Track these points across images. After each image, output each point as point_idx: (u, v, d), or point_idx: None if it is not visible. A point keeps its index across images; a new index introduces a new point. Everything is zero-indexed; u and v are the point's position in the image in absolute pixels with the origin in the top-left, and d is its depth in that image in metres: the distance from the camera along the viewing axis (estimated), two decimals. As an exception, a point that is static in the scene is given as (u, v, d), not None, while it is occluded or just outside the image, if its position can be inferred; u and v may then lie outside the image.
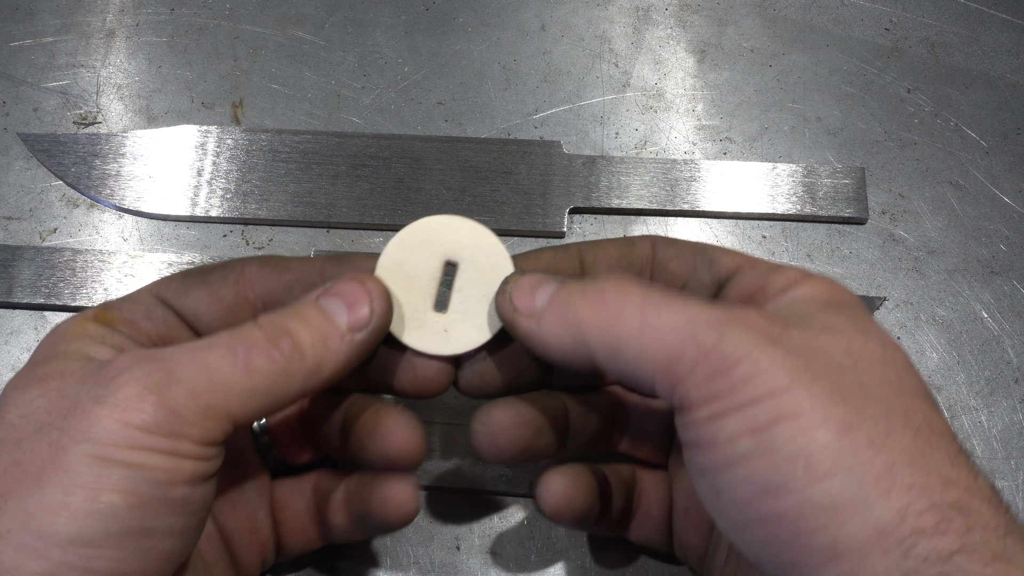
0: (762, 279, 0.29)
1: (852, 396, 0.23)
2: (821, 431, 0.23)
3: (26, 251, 0.44)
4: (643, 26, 0.51)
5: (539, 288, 0.28)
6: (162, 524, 0.25)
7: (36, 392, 0.26)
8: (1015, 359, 0.43)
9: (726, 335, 0.24)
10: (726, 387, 0.24)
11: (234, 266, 0.32)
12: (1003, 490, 0.40)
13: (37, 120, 0.48)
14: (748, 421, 0.23)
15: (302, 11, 0.51)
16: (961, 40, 0.51)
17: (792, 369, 0.23)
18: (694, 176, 0.46)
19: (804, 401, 0.23)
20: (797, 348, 0.24)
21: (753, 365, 0.24)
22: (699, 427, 0.25)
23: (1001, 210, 0.46)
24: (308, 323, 0.28)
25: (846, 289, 0.29)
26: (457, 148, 0.46)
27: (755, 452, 0.23)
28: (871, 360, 0.25)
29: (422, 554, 0.39)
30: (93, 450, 0.24)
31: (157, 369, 0.25)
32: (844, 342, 0.25)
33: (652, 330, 0.25)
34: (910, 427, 0.23)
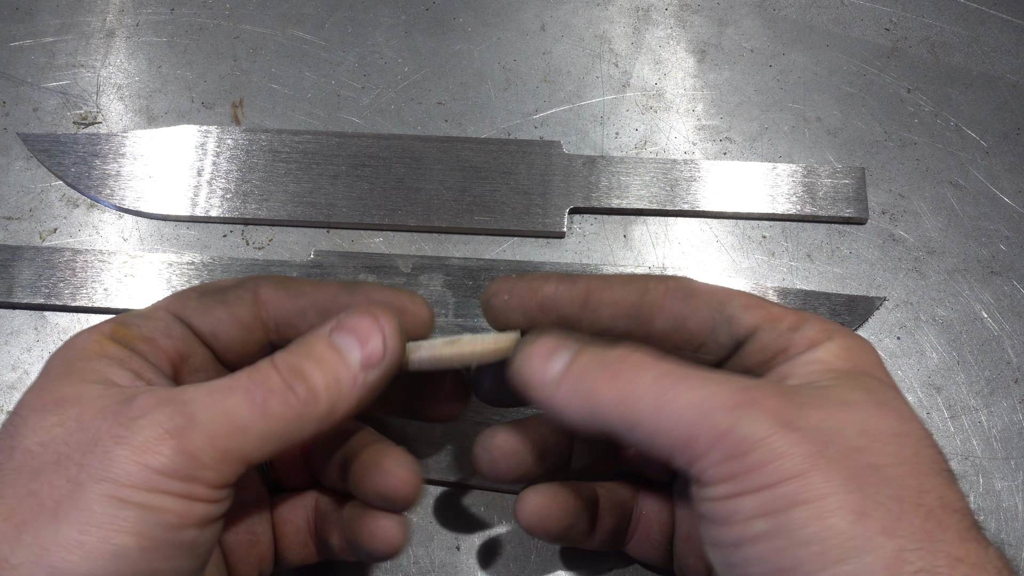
0: (783, 340, 0.29)
1: (866, 481, 0.24)
2: (835, 518, 0.23)
3: (26, 251, 0.44)
4: (643, 26, 0.51)
5: (552, 357, 0.28)
6: (169, 566, 0.25)
7: (54, 419, 0.26)
8: (1015, 359, 0.43)
9: (742, 419, 0.24)
10: (742, 470, 0.24)
11: (249, 285, 0.32)
12: (1002, 490, 0.40)
13: (37, 120, 0.48)
14: (764, 504, 0.24)
15: (302, 11, 0.51)
16: (961, 40, 0.51)
17: (807, 455, 0.24)
18: (694, 176, 0.46)
19: (819, 487, 0.23)
20: (813, 431, 0.24)
21: (769, 450, 0.24)
22: (715, 503, 0.25)
23: (1001, 210, 0.46)
24: (322, 364, 0.28)
25: (866, 348, 0.29)
26: (457, 148, 0.46)
27: (770, 534, 0.24)
28: (887, 437, 0.25)
29: (422, 554, 0.39)
30: (111, 490, 0.24)
31: (178, 413, 0.26)
32: (860, 419, 0.25)
33: (668, 409, 0.25)
34: (922, 508, 0.24)
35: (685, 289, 0.31)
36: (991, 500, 0.40)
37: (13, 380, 0.42)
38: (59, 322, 0.43)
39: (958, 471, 0.40)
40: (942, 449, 0.26)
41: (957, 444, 0.41)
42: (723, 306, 0.30)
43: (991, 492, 0.40)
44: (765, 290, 0.44)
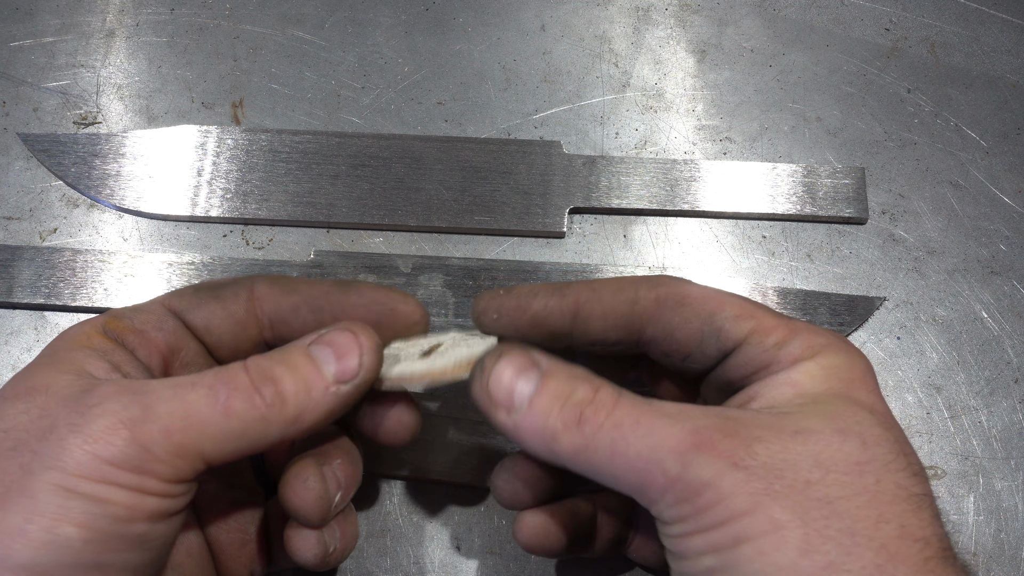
0: (767, 356, 0.29)
1: (814, 515, 0.24)
2: (778, 554, 0.23)
3: (26, 251, 0.44)
4: (643, 26, 0.51)
5: (518, 380, 0.28)
6: (117, 559, 0.25)
7: (21, 407, 0.26)
8: (1015, 359, 0.43)
9: (690, 464, 0.25)
10: (692, 512, 0.25)
11: (245, 283, 0.32)
12: (1002, 490, 0.40)
13: (37, 120, 0.48)
14: (713, 542, 0.25)
15: (302, 11, 0.51)
16: (961, 40, 0.51)
17: (753, 492, 0.24)
18: (694, 176, 0.46)
19: (763, 524, 0.24)
20: (761, 468, 0.25)
21: (716, 491, 0.25)
22: (672, 540, 0.26)
23: (1001, 210, 0.46)
24: (295, 371, 0.28)
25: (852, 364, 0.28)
26: (457, 148, 0.46)
27: (719, 569, 0.25)
28: (845, 466, 0.25)
29: (422, 554, 0.39)
30: (59, 479, 0.24)
31: (135, 403, 0.26)
32: (815, 450, 0.25)
33: (621, 458, 0.26)
34: (875, 541, 0.24)
35: (676, 296, 0.31)
36: (991, 500, 0.40)
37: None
38: (59, 322, 0.43)
39: (958, 471, 0.40)
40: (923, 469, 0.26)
41: (957, 444, 0.41)
42: (713, 317, 0.30)
43: (991, 492, 0.40)
44: (765, 290, 0.44)
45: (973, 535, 0.39)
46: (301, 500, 0.30)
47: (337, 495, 0.31)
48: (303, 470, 0.30)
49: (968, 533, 0.39)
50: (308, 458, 0.31)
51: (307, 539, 0.30)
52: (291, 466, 0.30)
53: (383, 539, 0.39)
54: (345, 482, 0.31)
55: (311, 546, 0.30)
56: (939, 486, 0.40)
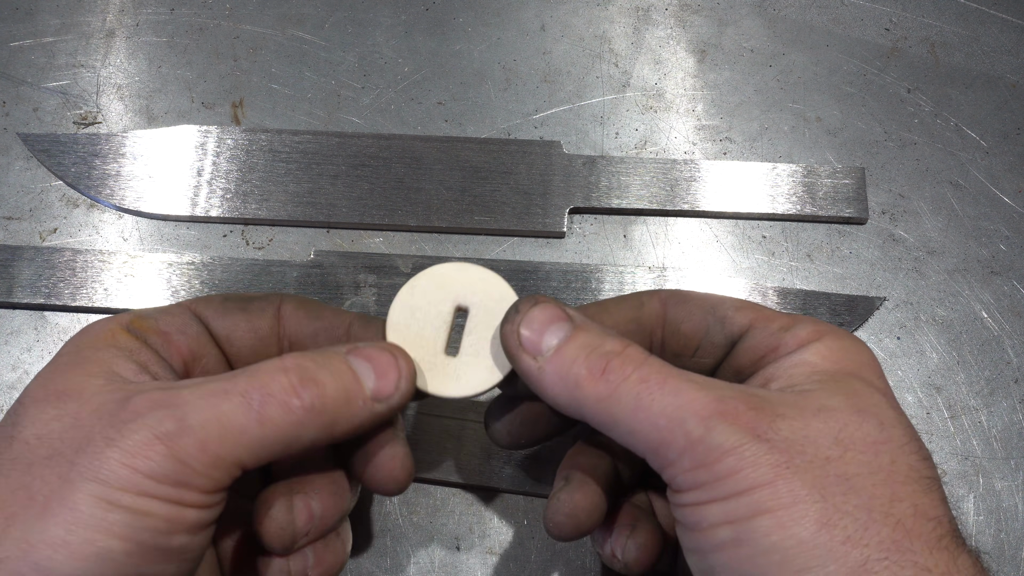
0: (774, 339, 0.29)
1: (833, 491, 0.24)
2: (798, 527, 0.23)
3: (26, 251, 0.44)
4: (643, 26, 0.51)
5: (549, 327, 0.28)
6: (156, 570, 0.25)
7: (53, 412, 0.26)
8: (1015, 359, 0.43)
9: (713, 429, 0.25)
10: (710, 478, 0.25)
11: (273, 299, 0.32)
12: (1002, 490, 0.40)
13: (37, 120, 0.48)
14: (729, 512, 0.24)
15: (302, 11, 0.51)
16: (961, 40, 0.51)
17: (775, 464, 0.24)
18: (694, 176, 0.46)
19: (784, 496, 0.24)
20: (783, 441, 0.25)
21: (737, 459, 0.24)
22: (686, 509, 0.26)
23: (1001, 210, 0.46)
24: (337, 377, 0.28)
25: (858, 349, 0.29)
26: (457, 148, 0.46)
27: (734, 542, 0.24)
28: (862, 446, 0.25)
29: (422, 554, 0.39)
30: (99, 491, 0.24)
31: (169, 417, 0.25)
32: (835, 428, 0.25)
33: (645, 413, 0.26)
34: (891, 518, 0.24)
35: (677, 296, 0.31)
36: (991, 500, 0.40)
37: (13, 380, 0.42)
38: (59, 322, 0.43)
39: (958, 471, 0.40)
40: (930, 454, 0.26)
41: (957, 444, 0.41)
42: (716, 308, 0.31)
43: (991, 492, 0.40)
44: (765, 290, 0.44)
45: (973, 535, 0.39)
46: (263, 528, 0.29)
47: (308, 526, 0.30)
48: (269, 497, 0.30)
49: (968, 533, 0.39)
50: (280, 487, 0.30)
51: (270, 565, 0.30)
52: (263, 492, 0.30)
53: (383, 539, 0.39)
54: (323, 513, 0.31)
55: (274, 572, 0.30)
56: (939, 486, 0.40)
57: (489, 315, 0.31)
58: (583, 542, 0.39)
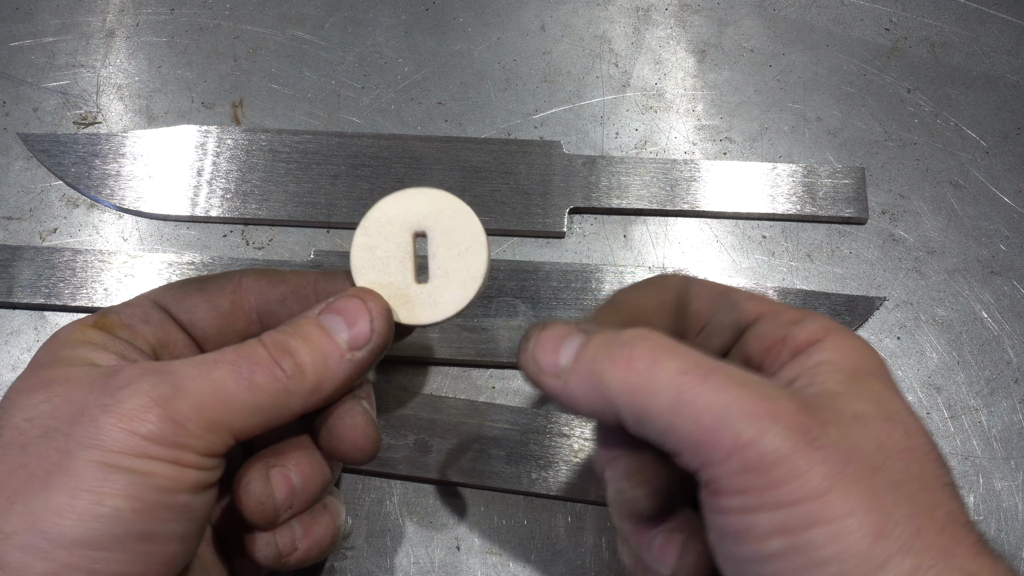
0: (783, 331, 0.28)
1: (884, 500, 0.23)
2: (854, 539, 0.23)
3: (26, 251, 0.44)
4: (643, 26, 0.51)
5: (562, 344, 0.27)
6: (165, 529, 0.26)
7: (41, 396, 0.26)
8: (1015, 359, 0.43)
9: (766, 432, 0.24)
10: (761, 485, 0.24)
11: (232, 276, 0.33)
12: (1002, 490, 0.40)
13: (37, 120, 0.48)
14: (782, 522, 0.23)
15: (302, 11, 0.51)
16: (961, 40, 0.51)
17: (829, 475, 0.23)
18: (694, 176, 0.46)
19: (840, 507, 0.23)
20: (834, 449, 0.24)
21: (791, 468, 0.23)
22: (729, 516, 0.24)
23: (1001, 210, 0.46)
24: (309, 342, 0.28)
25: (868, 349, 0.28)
26: (457, 148, 0.46)
27: (786, 553, 0.23)
28: (898, 453, 0.25)
29: (422, 554, 0.39)
30: (99, 456, 0.25)
31: (164, 382, 0.26)
32: (874, 434, 0.25)
33: (688, 409, 0.24)
34: (935, 524, 0.24)
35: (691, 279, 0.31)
36: (991, 500, 0.40)
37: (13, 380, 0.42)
38: (59, 322, 0.43)
39: (958, 471, 0.40)
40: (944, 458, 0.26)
41: (957, 444, 0.41)
42: (726, 293, 0.30)
43: (991, 492, 0.40)
44: (765, 290, 0.44)
45: (973, 535, 0.39)
46: (243, 504, 0.29)
47: (290, 498, 0.30)
48: (246, 472, 0.30)
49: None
50: (256, 460, 0.30)
51: (257, 540, 0.31)
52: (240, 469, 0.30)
53: (383, 539, 0.39)
54: (303, 483, 0.31)
55: (261, 547, 0.30)
56: (939, 486, 0.40)
57: (447, 233, 0.31)
58: (583, 542, 0.39)
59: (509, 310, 0.43)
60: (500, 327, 0.42)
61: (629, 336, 0.26)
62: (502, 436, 0.40)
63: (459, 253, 0.31)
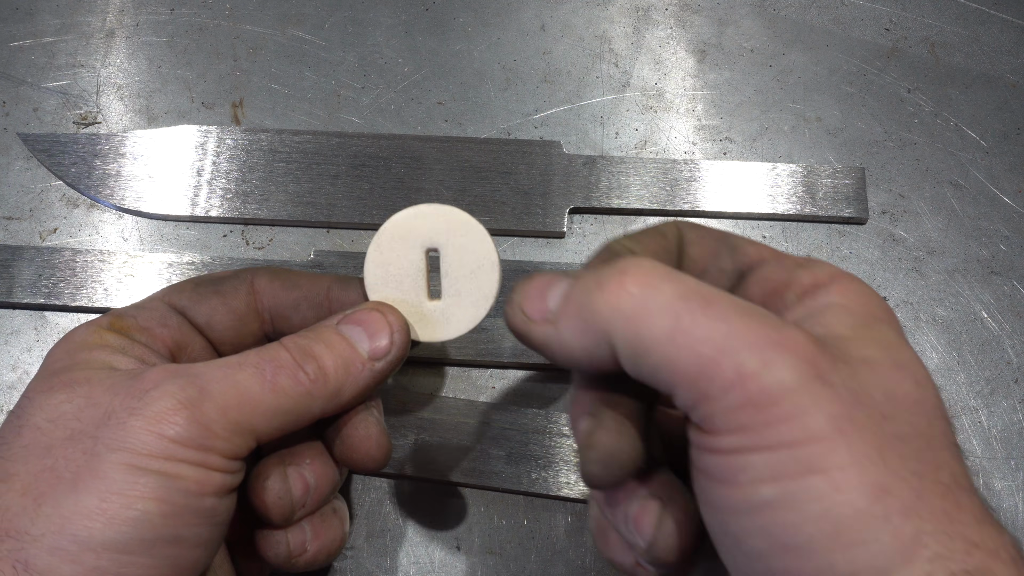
0: (787, 274, 0.26)
1: (890, 454, 0.21)
2: (855, 494, 0.21)
3: (26, 251, 0.44)
4: (643, 26, 0.51)
5: (549, 289, 0.25)
6: (192, 533, 0.26)
7: (62, 397, 0.26)
8: (1015, 359, 0.43)
9: (771, 363, 0.21)
10: (759, 421, 0.21)
11: (244, 276, 0.33)
12: (1002, 490, 0.40)
13: (37, 120, 0.48)
14: (776, 466, 0.21)
15: (302, 11, 0.51)
16: (961, 40, 0.51)
17: (835, 416, 0.21)
18: (694, 176, 0.46)
19: (842, 456, 0.21)
20: (844, 389, 0.22)
21: (795, 404, 0.21)
22: (719, 457, 0.22)
23: (1001, 210, 0.46)
24: (332, 348, 0.29)
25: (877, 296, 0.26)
26: (457, 148, 0.46)
27: (779, 503, 0.21)
28: (907, 404, 0.23)
29: (422, 554, 0.39)
30: (128, 459, 0.25)
31: (190, 384, 0.26)
32: (883, 381, 0.23)
33: (685, 337, 0.22)
34: (939, 486, 0.21)
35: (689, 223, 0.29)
36: (991, 500, 0.40)
37: (13, 380, 0.42)
38: (59, 322, 0.43)
39: (958, 471, 0.40)
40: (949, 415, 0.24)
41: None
42: (728, 237, 0.29)
43: (991, 492, 0.40)
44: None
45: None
46: (259, 500, 0.30)
47: (304, 496, 0.30)
48: (264, 469, 0.30)
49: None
50: (272, 459, 0.31)
51: (269, 538, 0.31)
52: (256, 466, 0.30)
53: (383, 539, 0.39)
54: (316, 483, 0.31)
55: (272, 545, 0.31)
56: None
57: (460, 251, 0.31)
58: (583, 542, 0.39)
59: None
60: (500, 327, 0.42)
61: (622, 263, 0.24)
62: (502, 436, 0.40)
63: (471, 272, 0.31)
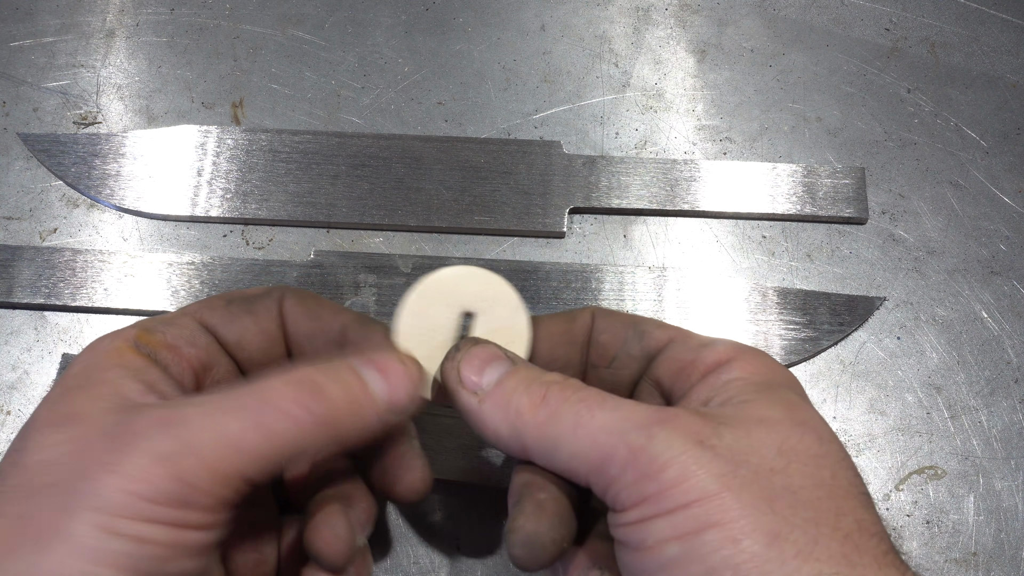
0: (692, 354, 0.29)
1: (781, 503, 0.23)
2: (749, 541, 0.23)
3: (26, 251, 0.44)
4: (643, 26, 0.51)
5: (488, 365, 0.28)
6: None
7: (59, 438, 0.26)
8: (1015, 359, 0.43)
9: (655, 436, 0.24)
10: (654, 491, 0.24)
11: (275, 294, 0.32)
12: (1002, 490, 0.40)
13: (37, 120, 0.48)
14: (676, 527, 0.23)
15: (302, 11, 0.51)
16: (961, 40, 0.51)
17: (721, 475, 0.23)
18: (694, 176, 0.46)
19: (732, 509, 0.23)
20: (727, 451, 0.24)
21: (681, 469, 0.24)
22: (629, 528, 0.25)
23: (1001, 210, 0.46)
24: (346, 389, 0.27)
25: (779, 366, 0.29)
26: (457, 148, 0.46)
27: (683, 559, 0.23)
28: (805, 458, 0.25)
29: (422, 554, 0.39)
30: (99, 520, 0.24)
31: (172, 437, 0.25)
32: (778, 439, 0.25)
33: (584, 429, 0.25)
34: (839, 532, 0.23)
35: (605, 311, 0.32)
36: (991, 500, 0.40)
37: (13, 380, 0.42)
38: (59, 322, 0.43)
39: (958, 471, 0.40)
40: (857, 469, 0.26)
41: (957, 444, 0.41)
42: (636, 323, 0.31)
43: (991, 492, 0.40)
44: (765, 290, 0.44)
45: (973, 535, 0.39)
46: (330, 548, 0.29)
47: (360, 539, 0.30)
48: (331, 517, 0.29)
49: (968, 533, 0.39)
50: (335, 504, 0.30)
51: None
52: (318, 510, 0.30)
53: (383, 539, 0.39)
54: (366, 524, 0.31)
55: None
56: (939, 486, 0.40)
57: (495, 322, 0.31)
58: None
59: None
60: None
61: (548, 379, 0.27)
62: None
63: (503, 344, 0.31)
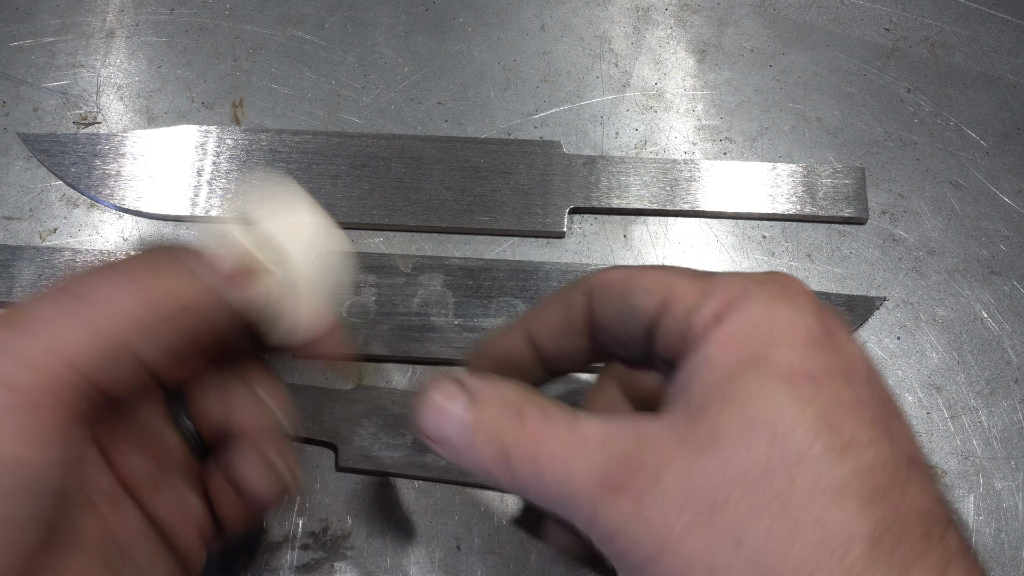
0: (682, 326, 0.26)
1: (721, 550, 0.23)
2: None
3: (26, 251, 0.44)
4: (643, 26, 0.51)
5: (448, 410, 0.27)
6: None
7: None
8: (1015, 359, 0.43)
9: (599, 509, 0.25)
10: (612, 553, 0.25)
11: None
12: (1002, 490, 0.40)
13: (37, 120, 0.48)
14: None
15: (302, 11, 0.51)
16: (961, 40, 0.51)
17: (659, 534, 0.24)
18: (694, 176, 0.46)
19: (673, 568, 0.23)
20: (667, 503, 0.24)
21: (626, 538, 0.24)
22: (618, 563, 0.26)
23: (1001, 210, 0.46)
24: (168, 270, 0.29)
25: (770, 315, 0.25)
26: (457, 148, 0.46)
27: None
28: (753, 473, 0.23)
29: (422, 554, 0.39)
30: None
31: None
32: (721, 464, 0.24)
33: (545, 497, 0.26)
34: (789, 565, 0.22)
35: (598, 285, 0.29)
36: (991, 500, 0.40)
37: (13, 380, 0.42)
38: (59, 322, 0.43)
39: (958, 471, 0.40)
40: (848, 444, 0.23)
41: (957, 444, 0.41)
42: (626, 297, 0.28)
43: (991, 492, 0.40)
44: (765, 290, 0.44)
45: (973, 535, 0.39)
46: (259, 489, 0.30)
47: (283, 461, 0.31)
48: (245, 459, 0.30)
49: (968, 533, 0.39)
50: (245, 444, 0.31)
51: None
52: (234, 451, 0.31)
53: (383, 539, 0.39)
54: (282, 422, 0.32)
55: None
56: (939, 486, 0.40)
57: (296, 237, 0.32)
58: (583, 542, 0.39)
59: (509, 310, 0.43)
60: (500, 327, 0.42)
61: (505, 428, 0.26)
62: None
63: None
